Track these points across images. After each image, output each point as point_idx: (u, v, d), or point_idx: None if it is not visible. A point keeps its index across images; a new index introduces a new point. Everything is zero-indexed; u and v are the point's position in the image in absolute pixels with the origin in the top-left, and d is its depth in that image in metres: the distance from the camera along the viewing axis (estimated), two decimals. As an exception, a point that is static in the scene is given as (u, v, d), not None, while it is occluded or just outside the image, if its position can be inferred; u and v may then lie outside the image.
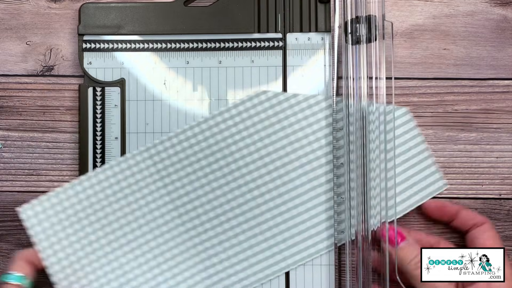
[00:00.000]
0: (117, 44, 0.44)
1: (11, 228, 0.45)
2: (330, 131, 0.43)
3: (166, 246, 0.42)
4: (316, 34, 0.44)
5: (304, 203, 0.43)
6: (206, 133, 0.42)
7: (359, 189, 0.41)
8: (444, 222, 0.42)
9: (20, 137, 0.45)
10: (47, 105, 0.45)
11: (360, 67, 0.41)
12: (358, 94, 0.41)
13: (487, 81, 0.44)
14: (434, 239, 0.41)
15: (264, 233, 0.42)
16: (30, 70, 0.45)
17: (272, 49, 0.44)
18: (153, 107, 0.44)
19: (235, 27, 0.44)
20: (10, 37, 0.45)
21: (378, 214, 0.41)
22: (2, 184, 0.45)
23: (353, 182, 0.41)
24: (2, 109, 0.45)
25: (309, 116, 0.43)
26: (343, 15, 0.42)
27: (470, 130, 0.44)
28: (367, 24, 0.41)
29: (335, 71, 0.42)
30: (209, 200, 0.42)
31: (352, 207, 0.41)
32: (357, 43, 0.42)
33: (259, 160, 0.42)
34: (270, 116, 0.43)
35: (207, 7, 0.44)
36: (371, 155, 0.41)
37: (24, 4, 0.45)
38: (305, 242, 0.42)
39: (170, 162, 0.42)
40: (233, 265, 0.42)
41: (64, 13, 0.45)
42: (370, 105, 0.41)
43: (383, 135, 0.42)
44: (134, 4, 0.44)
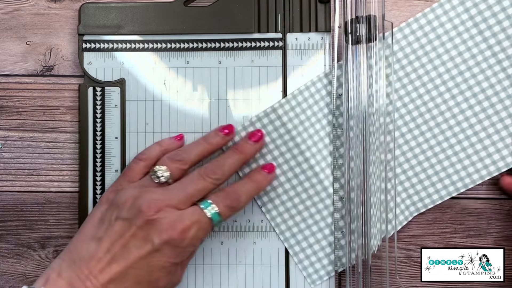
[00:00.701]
0: (117, 44, 0.44)
1: (11, 228, 0.45)
2: (330, 130, 0.43)
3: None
4: (316, 34, 0.44)
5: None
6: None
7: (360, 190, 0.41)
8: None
9: (20, 137, 0.45)
10: (47, 105, 0.45)
11: (360, 67, 0.41)
12: (358, 94, 0.41)
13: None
14: None
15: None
16: (30, 70, 0.45)
17: (272, 49, 0.44)
18: (153, 107, 0.44)
19: (235, 27, 0.44)
20: (10, 37, 0.45)
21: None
22: (2, 184, 0.45)
23: (353, 182, 0.41)
24: (2, 109, 0.45)
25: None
26: (343, 15, 0.42)
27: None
28: (367, 24, 0.41)
29: (335, 71, 0.42)
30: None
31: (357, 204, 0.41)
32: (357, 43, 0.42)
33: None
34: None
35: (207, 7, 0.44)
36: (371, 157, 0.41)
37: (24, 4, 0.45)
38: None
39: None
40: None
41: (64, 13, 0.45)
42: (370, 105, 0.41)
43: (383, 136, 0.42)
44: (134, 4, 0.44)
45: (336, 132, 0.42)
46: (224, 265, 0.44)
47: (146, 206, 0.36)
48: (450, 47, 0.42)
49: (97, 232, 0.37)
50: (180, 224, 0.36)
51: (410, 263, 0.44)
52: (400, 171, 0.42)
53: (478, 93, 0.42)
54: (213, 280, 0.44)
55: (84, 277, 0.35)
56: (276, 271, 0.43)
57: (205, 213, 0.37)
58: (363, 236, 0.41)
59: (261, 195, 0.43)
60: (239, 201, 0.39)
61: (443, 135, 0.42)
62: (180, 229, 0.36)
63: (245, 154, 0.40)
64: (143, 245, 0.36)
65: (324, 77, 0.43)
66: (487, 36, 0.42)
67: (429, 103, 0.42)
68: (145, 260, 0.36)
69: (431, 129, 0.42)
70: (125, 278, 0.36)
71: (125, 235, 0.36)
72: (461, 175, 0.42)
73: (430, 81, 0.42)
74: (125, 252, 0.36)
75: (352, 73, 0.41)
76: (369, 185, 0.41)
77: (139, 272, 0.36)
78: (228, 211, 0.38)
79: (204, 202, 0.38)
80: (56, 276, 0.36)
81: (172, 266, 0.37)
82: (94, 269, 0.35)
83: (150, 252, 0.36)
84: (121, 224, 0.37)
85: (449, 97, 0.42)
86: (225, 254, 0.44)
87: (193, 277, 0.44)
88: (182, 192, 0.38)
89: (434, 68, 0.42)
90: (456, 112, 0.42)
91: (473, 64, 0.42)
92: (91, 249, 0.36)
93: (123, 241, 0.36)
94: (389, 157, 0.42)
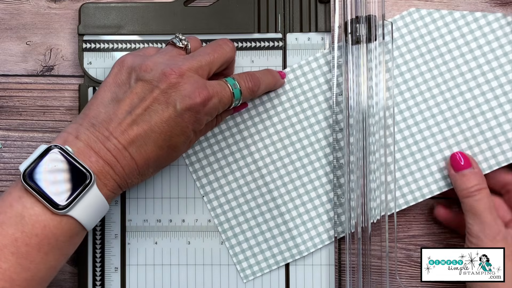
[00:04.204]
0: (117, 44, 0.44)
1: (11, 228, 0.45)
2: (329, 132, 0.43)
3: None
4: (316, 34, 0.44)
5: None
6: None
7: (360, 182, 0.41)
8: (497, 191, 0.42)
9: (20, 137, 0.45)
10: (47, 105, 0.45)
11: (360, 67, 0.41)
12: (358, 94, 0.41)
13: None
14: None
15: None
16: (30, 70, 0.45)
17: (272, 49, 0.44)
18: (153, 107, 0.44)
19: (235, 27, 0.44)
20: (10, 37, 0.45)
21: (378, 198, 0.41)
22: (2, 184, 0.45)
23: (353, 183, 0.41)
24: (2, 109, 0.45)
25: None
26: (343, 15, 0.42)
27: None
28: (367, 24, 0.41)
29: (335, 71, 0.42)
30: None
31: (352, 199, 0.41)
32: (357, 43, 0.42)
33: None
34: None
35: (207, 7, 0.44)
36: (371, 157, 0.41)
37: (24, 4, 0.45)
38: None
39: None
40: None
41: (64, 13, 0.45)
42: (370, 106, 0.41)
43: (383, 138, 0.42)
44: (134, 4, 0.44)
45: (336, 130, 0.43)
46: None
47: (170, 69, 0.35)
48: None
49: (116, 95, 0.36)
50: (204, 91, 0.36)
51: (410, 263, 0.44)
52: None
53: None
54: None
55: (104, 138, 0.35)
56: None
57: (229, 87, 0.38)
58: (363, 206, 0.41)
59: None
60: (259, 87, 0.40)
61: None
62: (203, 97, 0.35)
63: (269, 72, 0.42)
64: (165, 108, 0.35)
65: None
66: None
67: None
68: (166, 123, 0.35)
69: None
70: (146, 141, 0.35)
71: (147, 97, 0.35)
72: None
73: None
74: (147, 115, 0.35)
75: (352, 73, 0.41)
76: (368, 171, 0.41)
77: (159, 136, 0.35)
78: (247, 93, 0.39)
79: (229, 79, 0.39)
80: (74, 138, 0.35)
81: (191, 133, 0.37)
82: (116, 131, 0.35)
83: (172, 116, 0.35)
84: (143, 86, 0.36)
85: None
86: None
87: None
88: (205, 56, 0.38)
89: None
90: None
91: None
92: (111, 111, 0.36)
93: (145, 103, 0.35)
94: (389, 141, 0.42)
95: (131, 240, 0.43)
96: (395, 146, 0.42)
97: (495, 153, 0.42)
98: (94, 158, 0.35)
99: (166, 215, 0.44)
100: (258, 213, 0.43)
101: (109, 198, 0.36)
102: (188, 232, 0.43)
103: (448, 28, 0.42)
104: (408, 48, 0.43)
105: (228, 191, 0.43)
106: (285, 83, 0.43)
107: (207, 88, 0.36)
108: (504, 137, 0.42)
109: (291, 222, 0.43)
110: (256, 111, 0.44)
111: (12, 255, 0.32)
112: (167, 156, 0.37)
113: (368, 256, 0.42)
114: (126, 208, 0.44)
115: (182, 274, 0.43)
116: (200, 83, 0.36)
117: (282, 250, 0.43)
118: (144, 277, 0.43)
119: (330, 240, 0.43)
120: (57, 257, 0.34)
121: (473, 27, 0.42)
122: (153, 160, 0.36)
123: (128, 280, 0.43)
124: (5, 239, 0.32)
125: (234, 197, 0.43)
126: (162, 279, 0.43)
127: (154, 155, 0.36)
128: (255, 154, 0.43)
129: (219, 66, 0.39)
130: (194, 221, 0.43)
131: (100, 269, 0.43)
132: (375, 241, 0.42)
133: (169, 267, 0.43)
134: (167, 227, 0.44)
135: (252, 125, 0.43)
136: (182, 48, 0.39)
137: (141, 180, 0.38)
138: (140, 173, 0.37)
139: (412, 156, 0.42)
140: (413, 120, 0.43)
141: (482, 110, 0.42)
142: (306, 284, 0.43)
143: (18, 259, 0.32)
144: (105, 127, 0.35)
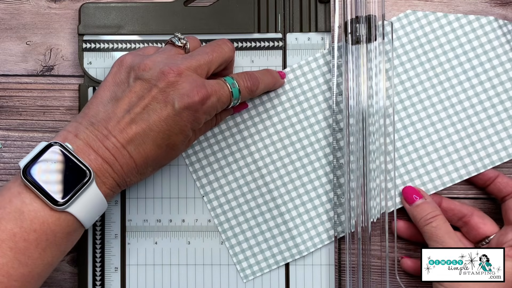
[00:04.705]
0: (117, 44, 0.44)
1: (11, 228, 0.45)
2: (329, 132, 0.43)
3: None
4: (316, 34, 0.44)
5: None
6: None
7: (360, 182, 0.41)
8: (480, 186, 0.43)
9: (20, 137, 0.45)
10: (47, 105, 0.45)
11: (360, 67, 0.41)
12: (358, 94, 0.41)
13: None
14: (468, 210, 0.42)
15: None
16: (30, 70, 0.45)
17: (272, 49, 0.44)
18: (153, 107, 0.44)
19: (235, 27, 0.44)
20: (10, 37, 0.45)
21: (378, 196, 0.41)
22: (2, 184, 0.45)
23: (353, 183, 0.41)
24: (2, 109, 0.45)
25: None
26: (343, 15, 0.42)
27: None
28: (367, 24, 0.41)
29: (335, 71, 0.42)
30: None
31: (352, 198, 0.41)
32: (357, 43, 0.42)
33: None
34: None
35: (207, 7, 0.44)
36: (371, 156, 0.41)
37: (24, 4, 0.45)
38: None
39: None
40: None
41: (64, 13, 0.45)
42: (370, 106, 0.41)
43: (383, 138, 0.42)
44: (134, 4, 0.44)
45: (335, 130, 0.43)
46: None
47: (168, 68, 0.36)
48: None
49: (115, 94, 0.37)
50: (203, 90, 0.36)
51: (410, 263, 0.44)
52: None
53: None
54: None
55: (103, 137, 0.35)
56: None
57: (228, 86, 0.38)
58: (363, 205, 0.41)
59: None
60: (257, 87, 0.40)
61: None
62: (202, 95, 0.36)
63: (269, 72, 0.42)
64: (164, 107, 0.35)
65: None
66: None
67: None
68: (164, 122, 0.35)
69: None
70: (144, 139, 0.35)
71: (145, 96, 0.36)
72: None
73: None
74: (145, 113, 0.35)
75: (351, 73, 0.41)
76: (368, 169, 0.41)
77: (158, 135, 0.36)
78: (246, 92, 0.39)
79: (227, 78, 0.39)
80: (73, 136, 0.35)
81: (190, 131, 0.37)
82: (114, 129, 0.35)
83: (170, 115, 0.35)
84: (141, 85, 0.36)
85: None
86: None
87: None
88: (204, 55, 0.38)
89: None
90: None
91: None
92: (110, 110, 0.36)
93: (144, 102, 0.35)
94: (388, 141, 0.42)
95: (131, 240, 0.43)
96: (395, 146, 0.42)
97: (481, 156, 0.42)
98: (93, 156, 0.35)
99: (166, 215, 0.44)
100: (258, 213, 0.43)
101: (107, 196, 0.36)
102: (188, 232, 0.43)
103: (443, 30, 0.43)
104: (405, 49, 0.43)
105: (228, 191, 0.43)
106: (285, 83, 0.43)
107: (206, 87, 0.36)
108: (489, 141, 0.42)
109: (291, 222, 0.43)
110: (256, 111, 0.44)
111: (10, 250, 0.32)
112: (165, 155, 0.37)
113: (368, 256, 0.42)
114: (126, 208, 0.44)
115: (182, 274, 0.43)
116: (198, 82, 0.36)
117: (282, 250, 0.43)
118: (144, 277, 0.43)
119: (330, 240, 0.43)
120: (55, 254, 0.34)
121: (467, 30, 0.43)
122: (151, 159, 0.36)
123: (128, 280, 0.43)
124: (3, 234, 0.32)
125: (234, 197, 0.43)
126: (162, 279, 0.43)
127: (152, 154, 0.36)
128: (255, 154, 0.43)
129: (218, 65, 0.39)
130: (194, 221, 0.43)
131: (100, 269, 0.43)
132: (375, 241, 0.42)
133: (169, 267, 0.43)
134: (167, 227, 0.44)
135: (252, 125, 0.43)
136: (181, 47, 0.39)
137: (140, 179, 0.38)
138: (139, 172, 0.37)
139: (412, 156, 0.43)
140: (411, 123, 0.43)
141: (476, 111, 0.43)
142: (306, 284, 0.43)
143: (16, 254, 0.32)
144: (104, 125, 0.35)
